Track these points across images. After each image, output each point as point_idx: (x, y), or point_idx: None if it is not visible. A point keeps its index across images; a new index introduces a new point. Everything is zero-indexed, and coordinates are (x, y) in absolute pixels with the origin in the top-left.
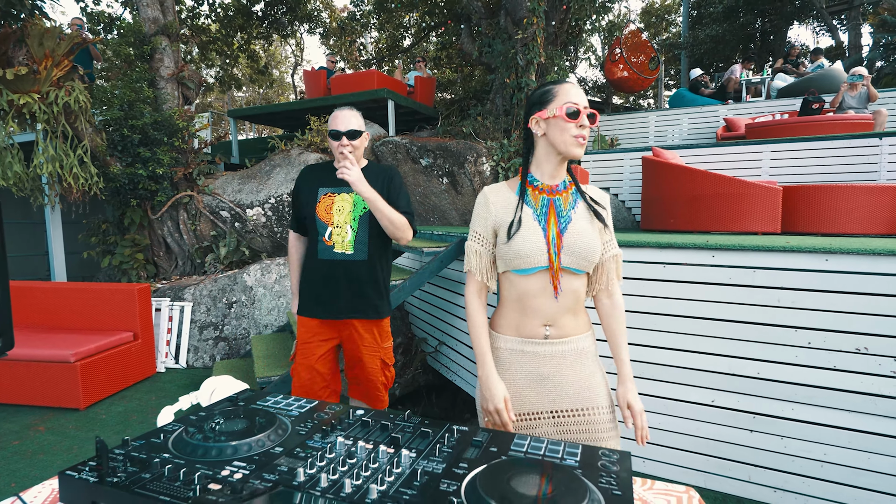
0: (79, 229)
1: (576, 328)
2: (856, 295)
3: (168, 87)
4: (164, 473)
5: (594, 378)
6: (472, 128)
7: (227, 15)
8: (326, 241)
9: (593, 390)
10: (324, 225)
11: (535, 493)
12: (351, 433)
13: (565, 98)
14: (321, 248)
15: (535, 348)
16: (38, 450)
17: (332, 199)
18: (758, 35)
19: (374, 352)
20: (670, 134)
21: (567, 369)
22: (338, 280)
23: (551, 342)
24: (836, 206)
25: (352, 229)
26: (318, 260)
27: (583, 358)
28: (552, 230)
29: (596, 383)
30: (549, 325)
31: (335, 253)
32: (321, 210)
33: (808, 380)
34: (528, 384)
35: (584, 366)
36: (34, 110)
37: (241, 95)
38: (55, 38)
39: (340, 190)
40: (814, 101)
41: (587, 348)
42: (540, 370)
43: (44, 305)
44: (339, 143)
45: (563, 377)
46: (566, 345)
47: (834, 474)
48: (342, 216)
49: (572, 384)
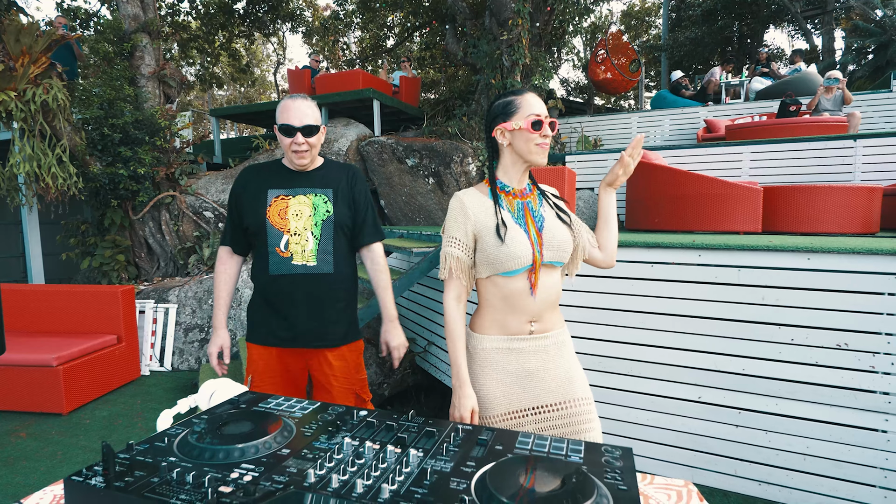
0: (57, 230)
1: (556, 322)
2: (836, 292)
3: (149, 86)
4: (172, 477)
5: (574, 370)
6: (458, 128)
7: (208, 12)
8: (282, 252)
9: (573, 382)
10: (278, 233)
11: (545, 490)
12: (357, 434)
13: (528, 110)
14: (274, 260)
15: (520, 344)
16: (21, 456)
17: (287, 201)
18: (735, 38)
19: (347, 384)
20: (652, 135)
21: (550, 363)
22: (297, 299)
23: (535, 337)
24: (814, 206)
25: (313, 237)
26: (269, 276)
27: (563, 350)
28: (532, 230)
29: (575, 375)
30: (535, 320)
31: (294, 266)
32: (273, 215)
33: (791, 375)
34: (515, 381)
35: (563, 358)
36: (10, 108)
37: (221, 94)
38: (33, 34)
39: (296, 191)
40: (791, 103)
41: (566, 340)
42: (526, 366)
43: (24, 308)
44: (293, 141)
45: (546, 371)
46: (548, 339)
47: (816, 467)
48: (301, 221)
49: (555, 378)
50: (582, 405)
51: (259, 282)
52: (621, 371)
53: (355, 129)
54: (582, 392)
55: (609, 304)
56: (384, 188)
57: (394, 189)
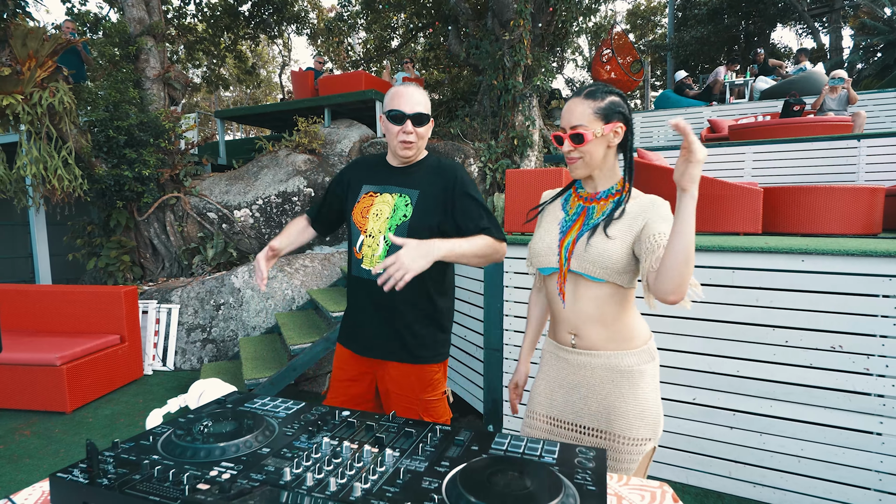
0: (64, 231)
1: (608, 342)
2: (831, 294)
3: (154, 88)
4: (153, 474)
5: (622, 402)
6: (460, 129)
7: (213, 15)
8: (357, 253)
9: (613, 415)
10: (357, 231)
11: (513, 489)
12: (337, 433)
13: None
14: (353, 261)
15: (564, 355)
16: (24, 454)
17: (373, 199)
18: (742, 37)
19: (407, 402)
20: (655, 135)
21: (596, 385)
22: (364, 305)
23: (578, 352)
24: (816, 207)
25: (385, 242)
26: (351, 278)
27: (616, 377)
28: (573, 235)
29: (620, 409)
30: (574, 333)
31: (363, 269)
32: (357, 213)
33: (785, 377)
34: (559, 388)
35: (614, 385)
36: (17, 111)
37: (227, 95)
38: (39, 38)
39: (384, 189)
40: (795, 103)
41: (628, 367)
42: (570, 378)
43: (29, 308)
44: (401, 129)
45: (589, 390)
46: (595, 358)
47: (810, 469)
48: (378, 222)
49: (596, 402)
50: (619, 443)
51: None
52: None
53: (358, 131)
54: (623, 430)
55: None
56: None
57: None
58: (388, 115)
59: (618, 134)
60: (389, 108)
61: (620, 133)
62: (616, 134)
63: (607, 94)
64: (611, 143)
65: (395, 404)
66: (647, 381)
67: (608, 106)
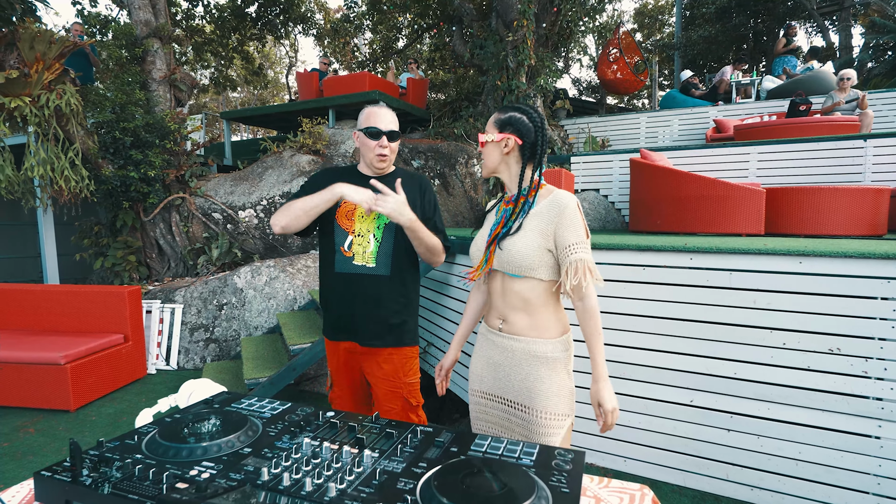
0: (71, 231)
1: (530, 330)
2: (828, 297)
3: (160, 90)
4: (134, 473)
5: (540, 383)
6: (464, 129)
7: (221, 16)
8: (345, 252)
9: (534, 392)
10: (343, 233)
11: (486, 491)
12: (319, 434)
13: None
14: (339, 259)
15: (492, 337)
16: (28, 451)
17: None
18: (750, 35)
19: (393, 387)
20: (661, 135)
21: (515, 365)
22: (356, 297)
23: (503, 335)
24: (819, 208)
25: (375, 239)
26: (335, 274)
27: (534, 361)
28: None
29: (539, 388)
30: (501, 319)
31: (354, 266)
32: (341, 216)
33: (783, 380)
34: (487, 366)
35: (532, 367)
36: (25, 113)
37: (236, 96)
38: (46, 41)
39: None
40: (801, 102)
41: (543, 354)
42: (494, 357)
43: (34, 308)
44: (378, 144)
45: (511, 370)
46: (517, 342)
47: (809, 472)
48: (365, 223)
49: (517, 380)
50: (540, 417)
51: (325, 278)
52: (611, 374)
53: None
54: (543, 406)
55: (599, 306)
56: None
57: None
58: (365, 131)
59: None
60: (366, 125)
61: (512, 144)
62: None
63: (513, 110)
64: (504, 150)
65: (380, 389)
66: (561, 367)
67: (506, 118)
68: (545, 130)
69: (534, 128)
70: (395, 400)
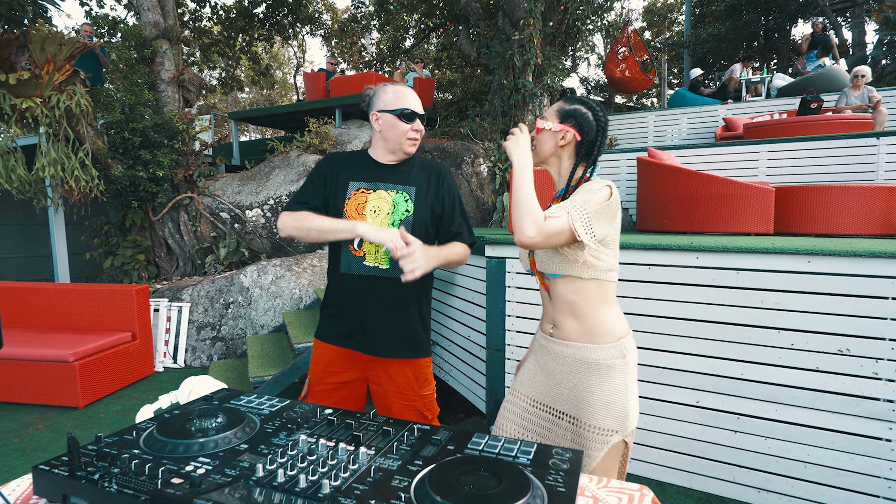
0: (82, 231)
1: (580, 335)
2: (838, 296)
3: (168, 90)
4: (130, 468)
5: (590, 393)
6: (470, 129)
7: (228, 17)
8: (355, 251)
9: (582, 402)
10: None
11: (480, 489)
12: (315, 431)
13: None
14: (347, 259)
15: (545, 342)
16: (38, 447)
17: (367, 196)
18: (761, 33)
19: (407, 400)
20: (669, 134)
21: (566, 373)
22: (367, 302)
23: (555, 341)
24: (830, 207)
25: None
26: (341, 275)
27: (585, 368)
28: None
29: (588, 399)
30: (552, 323)
31: (366, 266)
32: (351, 208)
33: (791, 381)
34: (540, 372)
35: (583, 375)
36: (37, 114)
37: (244, 97)
38: (57, 43)
39: (377, 185)
40: (812, 100)
41: (596, 360)
42: (547, 364)
43: (44, 306)
44: (412, 127)
45: (562, 377)
46: (567, 348)
47: (817, 475)
48: (378, 218)
49: (569, 388)
50: (586, 430)
51: (331, 278)
52: None
53: (368, 131)
54: (590, 418)
55: None
56: None
57: None
58: (399, 113)
59: (566, 137)
60: (399, 106)
61: (570, 138)
62: (565, 136)
63: (581, 104)
64: (560, 143)
65: (394, 403)
66: (616, 376)
67: (571, 110)
68: (607, 131)
69: (596, 126)
70: (411, 413)
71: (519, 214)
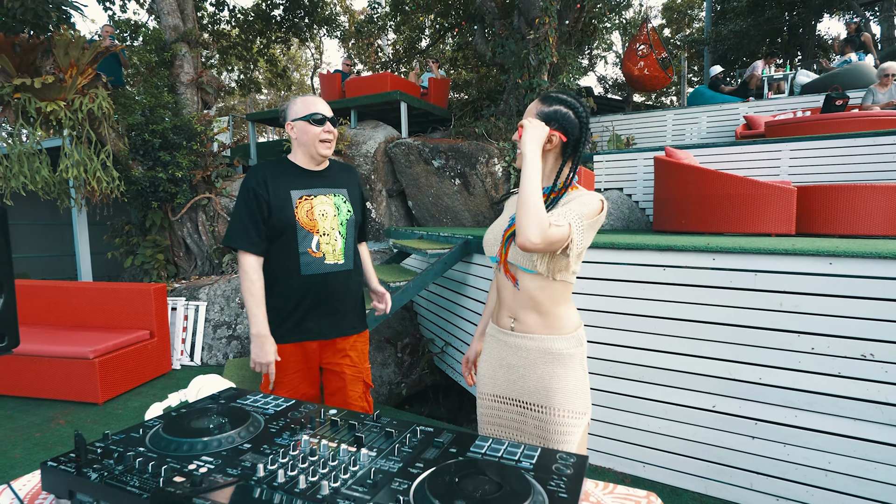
0: (104, 230)
1: (543, 328)
2: (861, 299)
3: (188, 93)
4: (135, 466)
5: (557, 380)
6: (485, 129)
7: (246, 20)
8: (314, 252)
9: (550, 391)
10: (308, 234)
11: (480, 493)
12: (319, 432)
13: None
14: (306, 261)
15: (504, 337)
16: (58, 442)
17: (311, 202)
18: (785, 29)
19: (357, 373)
20: (688, 133)
21: (530, 365)
22: (328, 295)
23: (516, 335)
24: (855, 207)
25: (341, 236)
26: (301, 277)
27: (549, 358)
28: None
29: (556, 386)
30: (513, 317)
31: (326, 265)
32: (302, 215)
33: (811, 386)
34: (499, 368)
35: (548, 366)
36: (60, 117)
37: (262, 98)
38: (80, 47)
39: (316, 192)
40: (837, 97)
41: (558, 351)
42: (507, 359)
43: (66, 304)
44: (324, 129)
45: (526, 370)
46: (531, 341)
47: (839, 484)
48: (327, 222)
49: (532, 380)
50: (558, 415)
51: (287, 283)
52: (632, 377)
53: (383, 132)
54: (560, 404)
55: (619, 307)
56: (411, 189)
57: (421, 190)
58: (309, 118)
59: (553, 141)
60: (309, 112)
61: (556, 141)
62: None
63: (559, 103)
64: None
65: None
66: (577, 363)
67: (551, 113)
68: (589, 124)
69: (579, 124)
70: (358, 384)
71: (527, 218)
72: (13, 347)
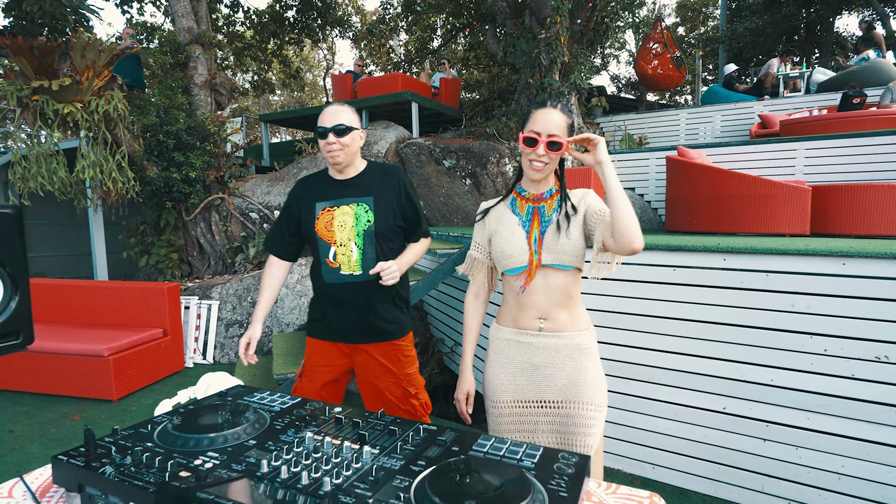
0: (119, 230)
1: (571, 324)
2: (875, 300)
3: (201, 94)
4: (142, 461)
5: (584, 375)
6: (496, 128)
7: (260, 21)
8: (331, 263)
9: (580, 385)
10: (326, 244)
11: (479, 491)
12: (323, 429)
13: (531, 125)
14: (326, 270)
15: (530, 339)
16: (74, 437)
17: (332, 213)
18: (802, 26)
19: (393, 379)
20: (702, 132)
21: (559, 363)
22: (347, 304)
23: (545, 335)
24: (871, 207)
25: (357, 247)
26: (323, 283)
27: (577, 354)
28: (535, 233)
29: (583, 380)
30: (543, 318)
31: (342, 275)
32: (321, 227)
33: (824, 388)
34: (522, 372)
35: (575, 361)
36: (77, 118)
37: (276, 99)
38: (96, 50)
39: (339, 202)
40: (854, 95)
41: (584, 345)
42: (533, 360)
43: (82, 302)
44: (325, 142)
45: (554, 369)
46: (560, 339)
47: (853, 488)
48: (345, 233)
49: (561, 377)
50: (585, 409)
51: (315, 285)
52: (641, 378)
53: (394, 132)
54: (588, 397)
55: (629, 308)
56: (422, 189)
57: (431, 190)
58: (318, 132)
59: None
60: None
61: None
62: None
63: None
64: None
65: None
66: (596, 355)
67: (572, 124)
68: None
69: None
70: (395, 389)
71: (635, 224)
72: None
